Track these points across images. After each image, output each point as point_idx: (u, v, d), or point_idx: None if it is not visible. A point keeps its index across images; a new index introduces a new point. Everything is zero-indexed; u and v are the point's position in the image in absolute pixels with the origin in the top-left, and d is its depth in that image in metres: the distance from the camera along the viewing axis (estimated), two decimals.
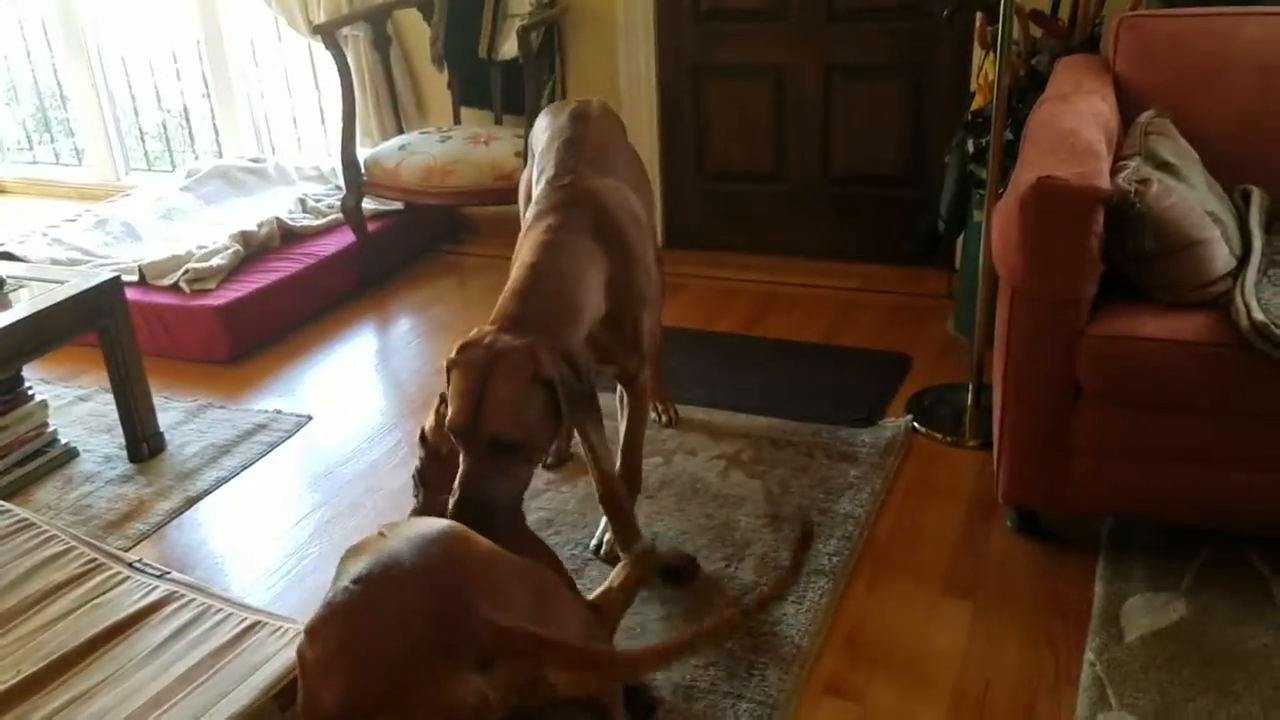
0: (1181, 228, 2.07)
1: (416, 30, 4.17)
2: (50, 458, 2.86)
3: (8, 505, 2.09)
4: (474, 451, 1.74)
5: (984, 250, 2.67)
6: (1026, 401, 2.19)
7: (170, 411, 3.10)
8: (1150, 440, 2.14)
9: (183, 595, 1.80)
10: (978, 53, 3.19)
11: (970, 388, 2.84)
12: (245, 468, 2.84)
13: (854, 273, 3.78)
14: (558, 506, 2.56)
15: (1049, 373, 2.13)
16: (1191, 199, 2.15)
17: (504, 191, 3.64)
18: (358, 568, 1.42)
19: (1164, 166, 2.24)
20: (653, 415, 2.89)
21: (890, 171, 3.75)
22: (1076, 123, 2.28)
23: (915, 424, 2.83)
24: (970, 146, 2.96)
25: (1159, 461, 2.16)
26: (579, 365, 1.80)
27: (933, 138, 3.62)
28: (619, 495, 2.17)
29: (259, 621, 1.71)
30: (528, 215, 2.08)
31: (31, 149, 5.58)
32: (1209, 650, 2.01)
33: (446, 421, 1.78)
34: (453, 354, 1.80)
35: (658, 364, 2.75)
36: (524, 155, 3.57)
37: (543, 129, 2.40)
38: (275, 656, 1.62)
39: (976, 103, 3.08)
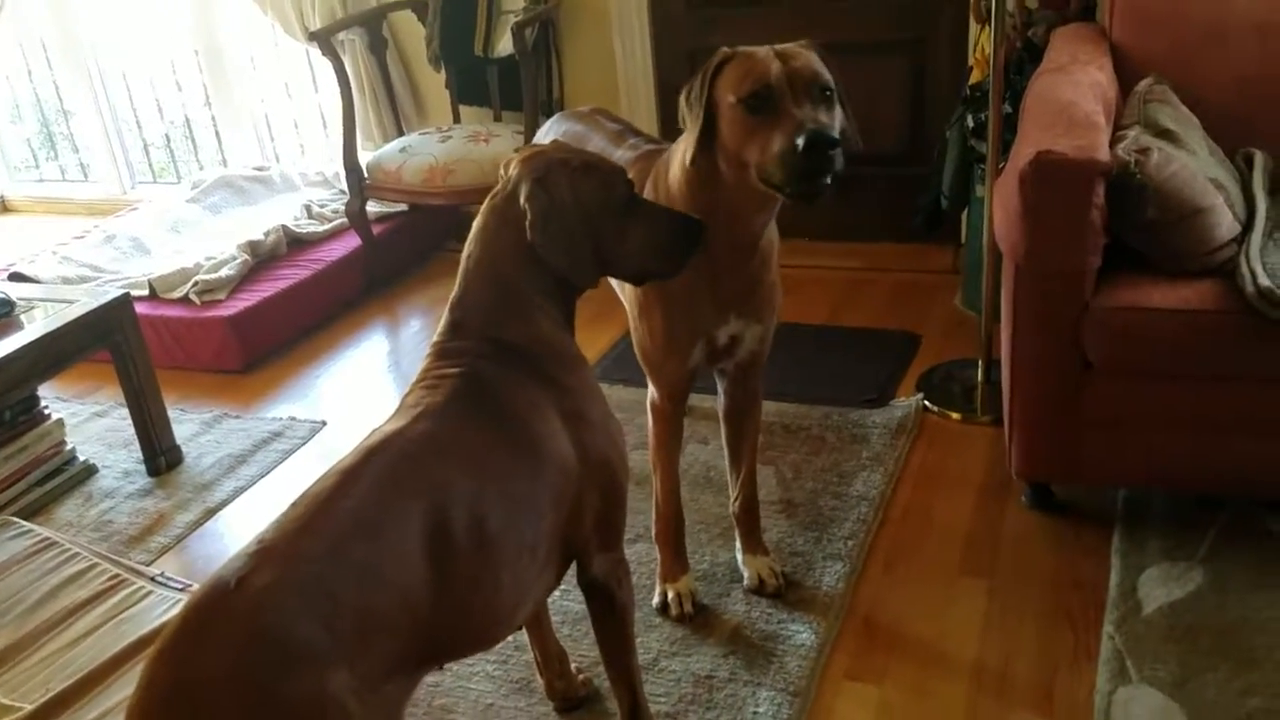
0: (1183, 196, 2.06)
1: (412, 31, 4.17)
2: (70, 475, 2.89)
3: (30, 525, 2.11)
4: (796, 98, 1.70)
5: (987, 226, 2.66)
6: (1035, 376, 2.18)
7: (186, 423, 3.12)
8: (1161, 410, 2.13)
9: None
10: (974, 26, 3.17)
11: (980, 363, 2.84)
12: (262, 476, 2.86)
13: (859, 252, 3.77)
14: None
15: (1056, 346, 2.13)
16: (1193, 166, 2.14)
17: None
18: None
19: (1164, 134, 2.22)
20: None
21: (892, 149, 3.73)
22: (1074, 94, 2.26)
23: (926, 402, 2.83)
24: (970, 121, 2.95)
25: (1170, 431, 2.15)
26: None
27: (933, 114, 3.60)
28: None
29: None
30: None
31: (38, 167, 5.61)
32: (1227, 619, 2.01)
33: (749, 83, 1.71)
34: (717, 58, 1.78)
35: None
36: None
37: (553, 135, 2.39)
38: None
39: (974, 77, 3.06)
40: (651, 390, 2.11)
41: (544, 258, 1.55)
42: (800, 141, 1.64)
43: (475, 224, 1.61)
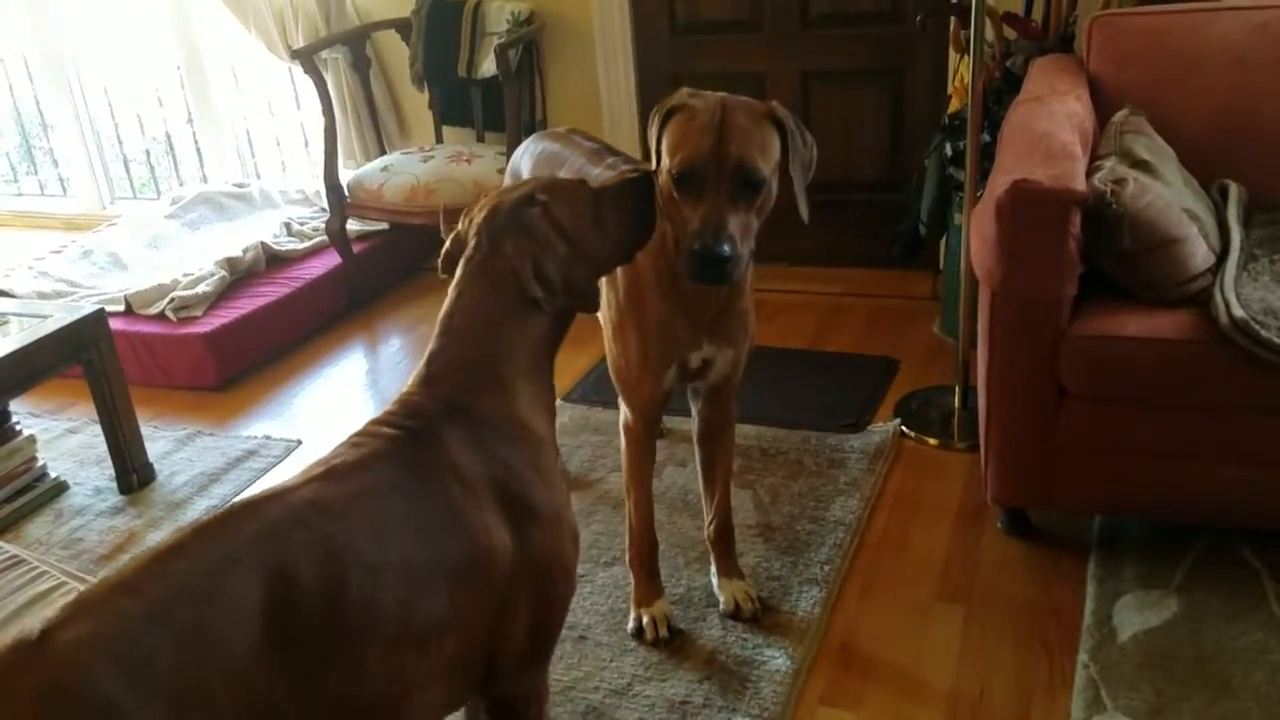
0: (1158, 226, 2.07)
1: (395, 51, 4.18)
2: (40, 492, 2.86)
3: None
4: (717, 186, 1.69)
5: (964, 254, 2.68)
6: (1011, 403, 2.19)
7: (160, 441, 3.09)
8: (1136, 438, 2.14)
9: None
10: (953, 56, 3.20)
11: (957, 390, 2.84)
12: (236, 495, 2.83)
13: (838, 278, 3.79)
14: None
15: (1032, 374, 2.13)
16: (1168, 196, 2.15)
17: None
18: None
19: (1140, 165, 2.23)
20: None
21: (871, 177, 3.76)
22: (1051, 124, 2.28)
23: (904, 428, 2.83)
24: (948, 150, 2.97)
25: (1146, 459, 2.16)
26: (802, 127, 1.81)
27: (912, 142, 3.63)
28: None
29: None
30: None
31: (17, 180, 5.57)
32: (1202, 647, 2.01)
33: (678, 160, 1.71)
34: (669, 102, 1.79)
35: None
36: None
37: (529, 154, 2.38)
38: None
39: (953, 106, 3.09)
40: (624, 411, 2.11)
41: (547, 305, 1.51)
42: (695, 246, 1.68)
43: (454, 287, 1.54)
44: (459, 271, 1.56)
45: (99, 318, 2.80)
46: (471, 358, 1.49)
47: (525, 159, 2.42)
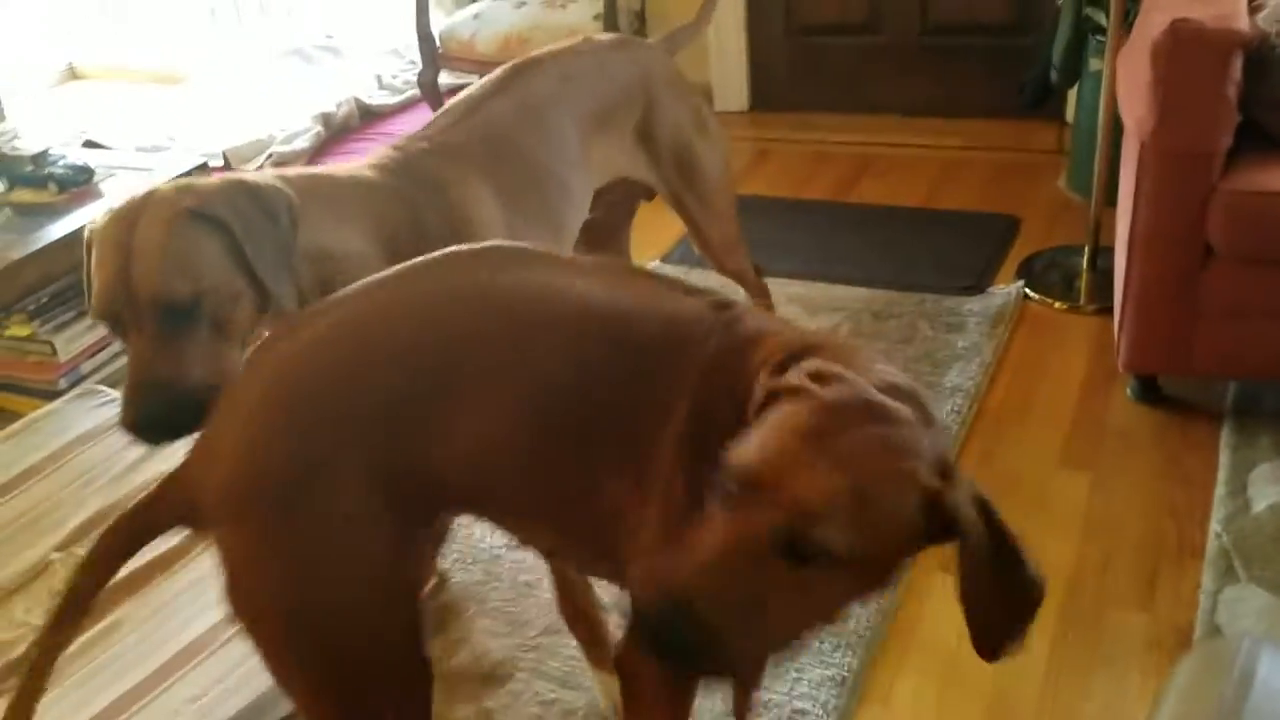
0: None
1: None
2: None
3: (115, 394, 2.13)
4: (141, 329, 1.35)
5: (1104, 102, 2.51)
6: (1154, 262, 2.08)
7: None
8: None
9: None
10: None
11: (1086, 250, 2.71)
12: None
13: (956, 130, 3.60)
14: None
15: (1179, 231, 2.02)
16: None
17: None
18: None
19: None
20: None
21: (996, 18, 3.54)
22: None
23: (1026, 290, 2.71)
24: None
25: None
26: (265, 195, 1.40)
27: None
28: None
29: None
30: None
31: (107, 34, 5.55)
32: None
33: (91, 306, 1.38)
34: (89, 226, 1.42)
35: None
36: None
37: None
38: None
39: None
40: None
41: None
42: (127, 406, 1.35)
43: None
44: None
45: (203, 171, 2.79)
46: None
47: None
